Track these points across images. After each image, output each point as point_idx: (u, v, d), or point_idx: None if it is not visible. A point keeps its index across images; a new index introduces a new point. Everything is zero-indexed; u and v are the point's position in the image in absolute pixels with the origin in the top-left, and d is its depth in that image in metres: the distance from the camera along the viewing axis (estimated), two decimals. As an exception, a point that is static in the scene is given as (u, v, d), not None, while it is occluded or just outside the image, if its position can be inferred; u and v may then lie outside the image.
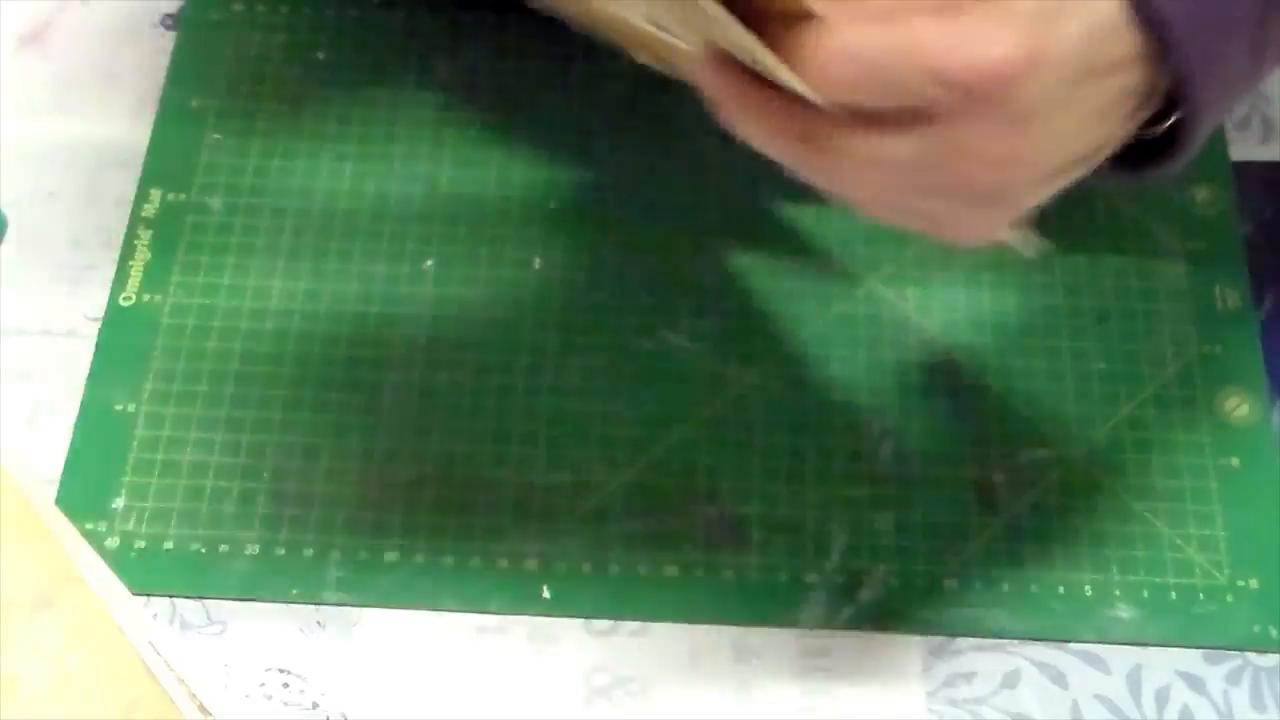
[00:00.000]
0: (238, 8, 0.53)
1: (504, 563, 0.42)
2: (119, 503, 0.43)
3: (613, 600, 0.42)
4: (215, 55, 0.52)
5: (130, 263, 0.48)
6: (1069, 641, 0.41)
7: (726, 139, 0.49)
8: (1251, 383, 0.45)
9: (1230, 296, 0.47)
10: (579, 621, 0.42)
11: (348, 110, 0.51)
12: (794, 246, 0.47)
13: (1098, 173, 0.31)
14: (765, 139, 0.30)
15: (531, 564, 0.42)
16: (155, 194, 0.49)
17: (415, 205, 0.49)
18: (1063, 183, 0.30)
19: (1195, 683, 0.41)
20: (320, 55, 0.52)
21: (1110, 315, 0.46)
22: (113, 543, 0.43)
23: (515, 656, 0.41)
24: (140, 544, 0.43)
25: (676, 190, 0.47)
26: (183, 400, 0.45)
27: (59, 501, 0.43)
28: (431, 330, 0.46)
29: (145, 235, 0.48)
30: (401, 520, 0.43)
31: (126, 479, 0.44)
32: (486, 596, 0.42)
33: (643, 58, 0.46)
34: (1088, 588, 0.42)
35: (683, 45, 0.38)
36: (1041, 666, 0.41)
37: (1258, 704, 0.40)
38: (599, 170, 0.50)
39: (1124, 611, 0.41)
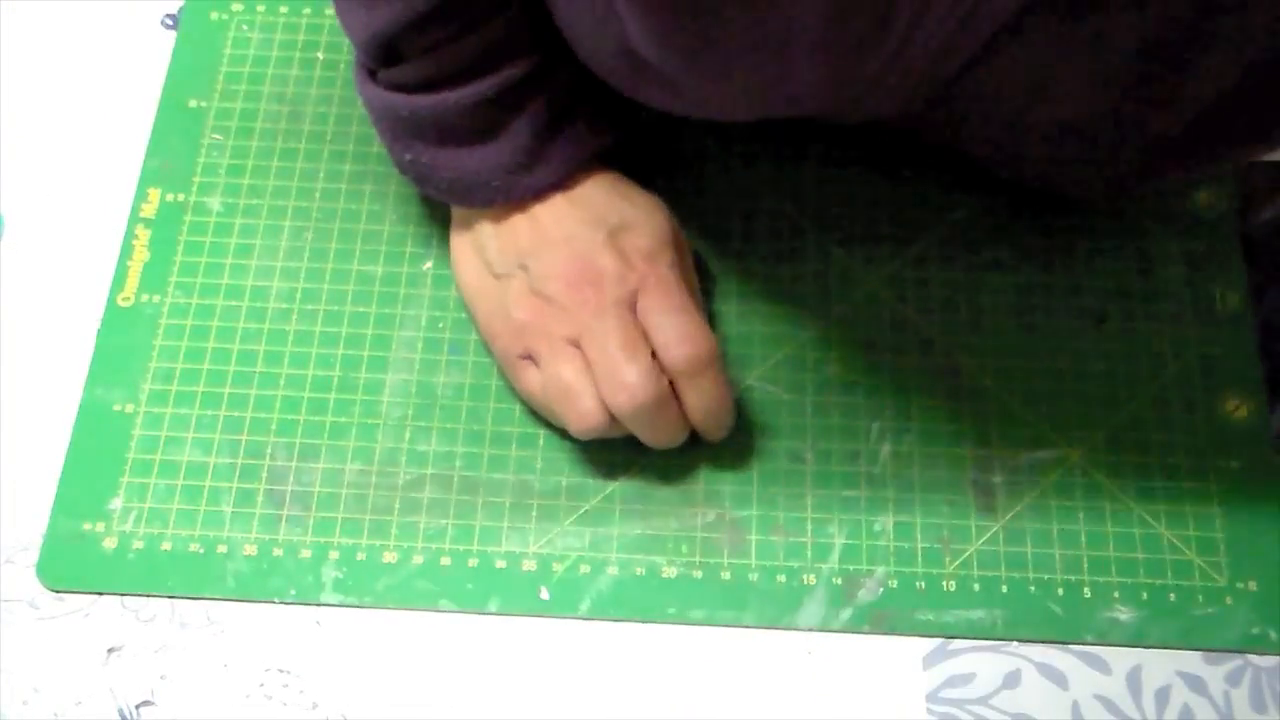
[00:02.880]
0: (238, 8, 0.53)
1: (502, 564, 0.42)
2: (117, 503, 0.43)
3: (611, 602, 0.42)
4: (215, 55, 0.52)
5: (129, 263, 0.47)
6: (1069, 642, 0.41)
7: (725, 141, 0.49)
8: (1251, 384, 0.45)
9: (1230, 297, 0.47)
10: (578, 622, 0.42)
11: (348, 110, 0.50)
12: (793, 247, 0.47)
13: None
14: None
15: (530, 565, 0.42)
16: (154, 194, 0.49)
17: (415, 205, 0.49)
18: None
19: (1195, 683, 0.41)
20: (320, 55, 0.52)
21: (1110, 316, 0.46)
22: (111, 543, 0.43)
23: (515, 656, 0.41)
24: (138, 544, 0.43)
25: (674, 191, 0.46)
26: (181, 400, 0.45)
27: (58, 501, 0.43)
28: (431, 330, 0.46)
29: (144, 235, 0.48)
30: (400, 521, 0.43)
31: (125, 479, 0.44)
32: (485, 597, 0.42)
33: None
34: (1087, 589, 0.42)
35: None
36: (1041, 667, 0.41)
37: (1258, 704, 0.40)
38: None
39: (1123, 613, 0.41)
